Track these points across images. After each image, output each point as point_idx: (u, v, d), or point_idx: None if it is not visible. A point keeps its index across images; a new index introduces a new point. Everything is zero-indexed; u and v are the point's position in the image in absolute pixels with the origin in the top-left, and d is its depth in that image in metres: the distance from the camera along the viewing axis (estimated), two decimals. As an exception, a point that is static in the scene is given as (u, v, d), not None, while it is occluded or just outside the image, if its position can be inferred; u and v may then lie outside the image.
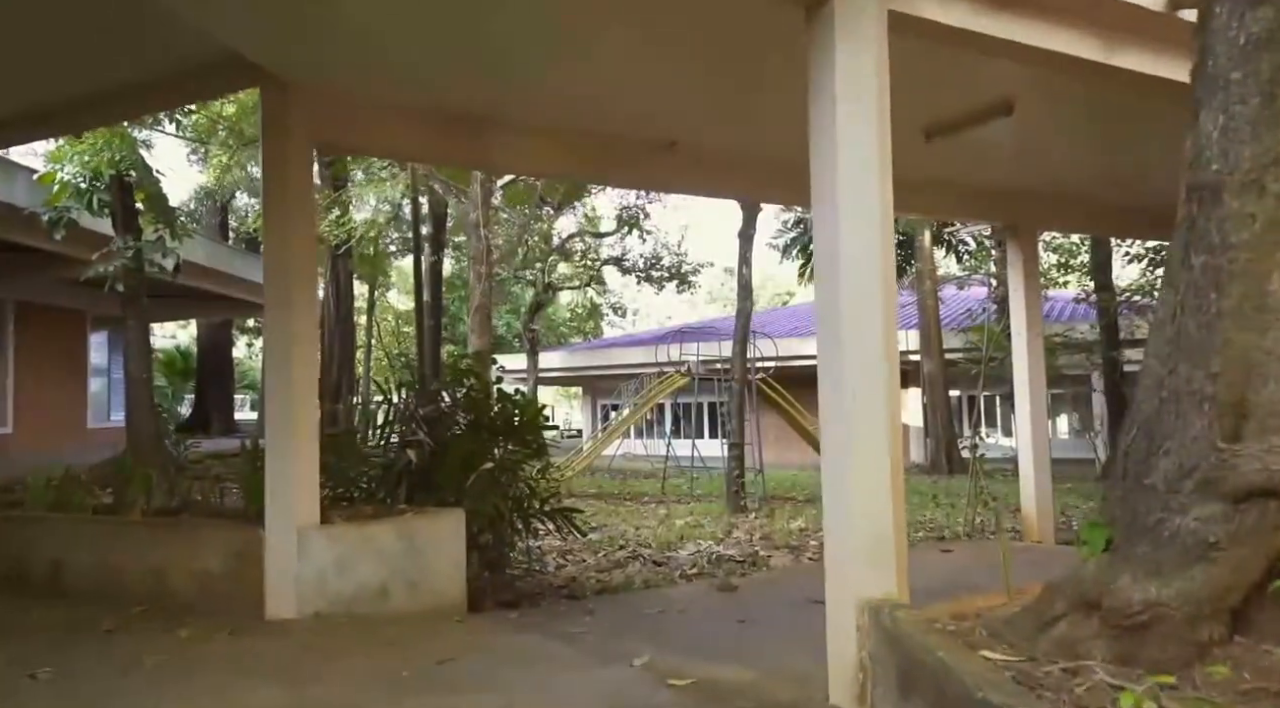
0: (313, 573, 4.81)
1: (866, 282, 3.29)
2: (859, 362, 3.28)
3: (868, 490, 3.24)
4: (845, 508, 3.28)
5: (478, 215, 9.44)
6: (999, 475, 19.10)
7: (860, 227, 3.29)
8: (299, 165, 4.86)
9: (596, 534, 8.81)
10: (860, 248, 3.29)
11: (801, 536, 8.87)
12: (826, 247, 3.37)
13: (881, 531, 3.23)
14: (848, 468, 3.27)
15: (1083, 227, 9.14)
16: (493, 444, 6.14)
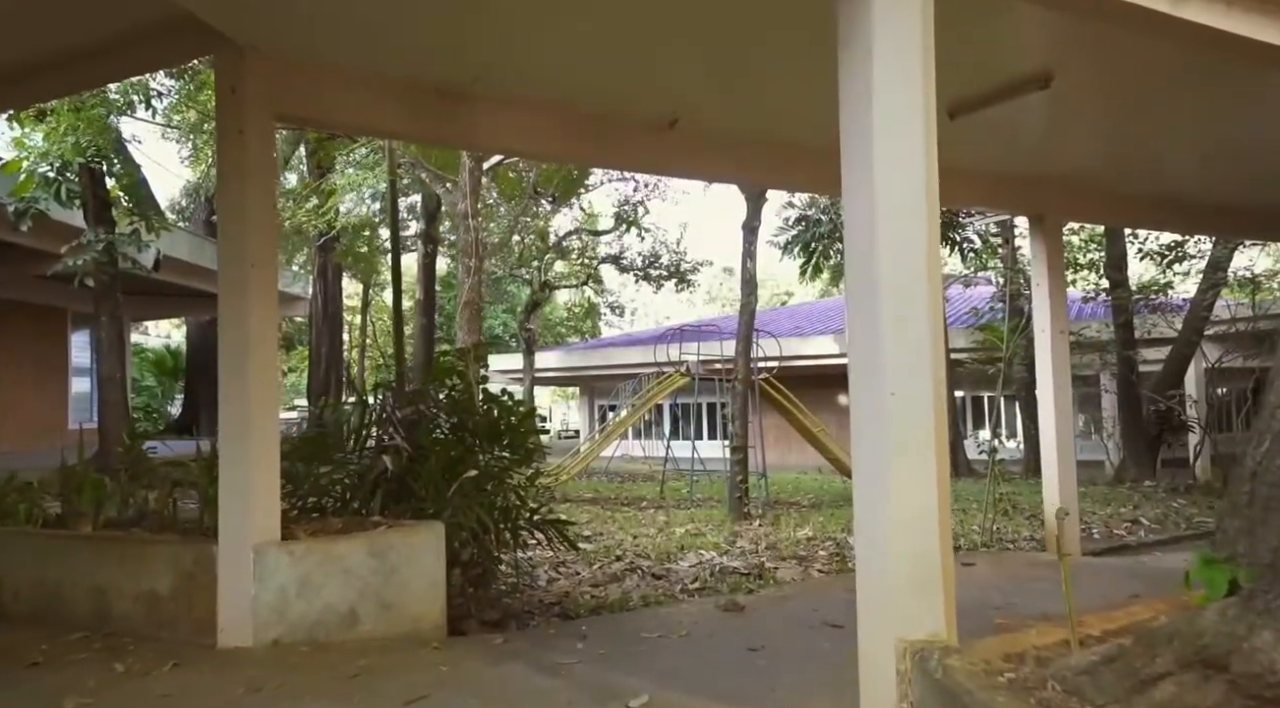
0: (271, 595, 4.29)
1: (909, 255, 2.78)
2: (900, 352, 2.76)
3: (911, 507, 2.73)
4: (883, 528, 2.76)
5: (466, 206, 8.92)
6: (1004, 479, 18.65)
7: (901, 189, 2.78)
8: (257, 138, 4.34)
9: (591, 544, 8.29)
10: (902, 214, 2.77)
11: (809, 545, 8.35)
12: (861, 213, 2.85)
13: (927, 557, 2.72)
14: (886, 480, 2.75)
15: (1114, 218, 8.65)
16: (478, 450, 5.62)
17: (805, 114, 5.73)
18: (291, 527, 4.70)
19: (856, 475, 2.93)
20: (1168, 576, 6.16)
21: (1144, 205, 8.34)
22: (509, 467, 5.70)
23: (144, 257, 11.96)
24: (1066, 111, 6.07)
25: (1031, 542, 8.29)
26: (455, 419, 5.66)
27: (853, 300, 2.94)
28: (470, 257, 8.95)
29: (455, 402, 5.64)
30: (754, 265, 9.40)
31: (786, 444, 20.77)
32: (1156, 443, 14.85)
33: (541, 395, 58.95)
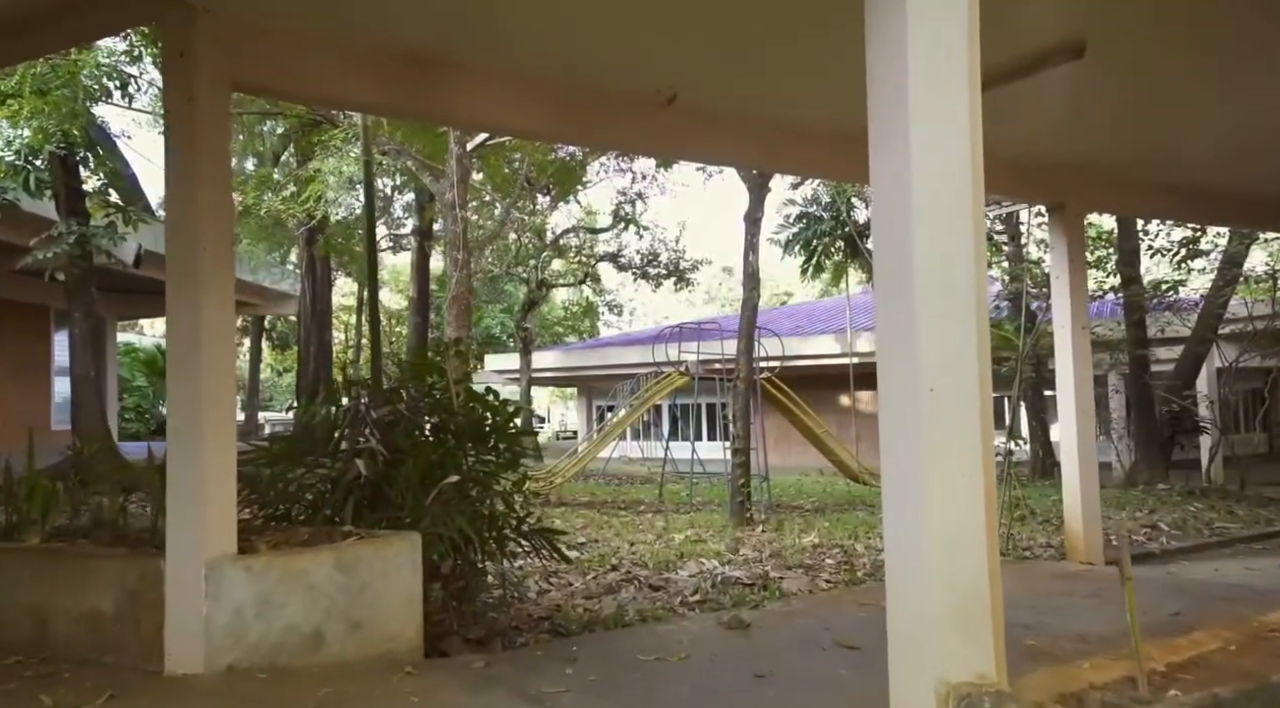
0: (226, 616, 3.86)
1: (950, 234, 2.36)
2: (940, 342, 2.34)
3: (951, 523, 2.31)
4: (918, 548, 2.33)
5: (453, 195, 8.48)
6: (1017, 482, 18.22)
7: (942, 160, 2.36)
8: (210, 108, 3.91)
9: (586, 552, 7.86)
10: (942, 187, 2.36)
11: (815, 553, 7.93)
12: (893, 188, 2.44)
13: (971, 582, 2.29)
14: (922, 491, 2.33)
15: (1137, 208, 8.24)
16: (461, 453, 5.19)
17: (817, 91, 5.32)
18: (252, 539, 4.28)
19: (886, 486, 2.50)
20: (1205, 590, 5.75)
21: (1167, 195, 7.92)
22: (495, 471, 5.26)
23: (123, 251, 11.52)
24: (1093, 90, 5.65)
25: (1049, 549, 7.86)
26: (436, 420, 5.23)
27: (883, 285, 2.51)
28: (459, 249, 8.51)
29: (436, 401, 5.21)
30: (756, 259, 8.97)
31: (787, 445, 20.34)
32: (1169, 445, 14.43)
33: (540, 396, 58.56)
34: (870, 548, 8.12)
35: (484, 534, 5.22)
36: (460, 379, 5.22)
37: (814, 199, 24.86)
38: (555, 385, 41.60)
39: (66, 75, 7.75)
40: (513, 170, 13.37)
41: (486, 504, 5.33)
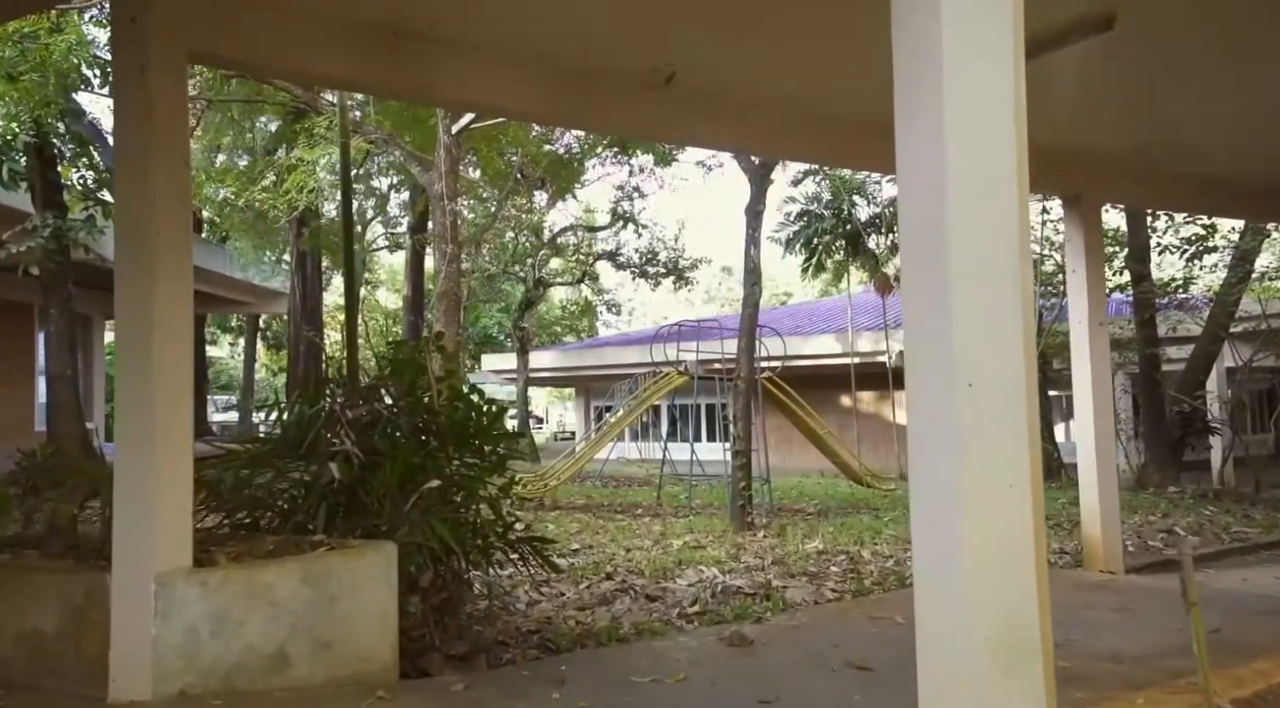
0: (177, 636, 3.51)
1: (990, 203, 2.02)
2: (979, 329, 2.00)
3: (993, 541, 1.97)
4: (955, 576, 1.99)
5: (441, 186, 8.11)
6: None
7: (982, 109, 2.02)
8: (164, 80, 3.57)
9: (580, 558, 7.52)
10: (981, 145, 2.02)
11: (820, 560, 7.58)
12: (923, 147, 2.09)
13: (1019, 616, 1.95)
14: (959, 503, 1.98)
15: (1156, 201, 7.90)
16: (443, 456, 4.85)
17: (827, 71, 4.98)
18: (211, 550, 3.93)
19: (916, 498, 2.16)
20: (1239, 604, 5.40)
21: (1186, 186, 7.58)
22: (480, 475, 4.92)
23: (105, 246, 11.16)
24: (1113, 75, 5.32)
25: (1064, 556, 7.52)
26: (418, 421, 4.89)
27: (912, 269, 2.17)
28: (448, 242, 8.15)
29: (417, 400, 4.86)
30: (758, 253, 8.63)
31: (788, 446, 19.98)
32: (1180, 446, 14.09)
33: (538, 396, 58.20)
34: (877, 555, 7.79)
35: (468, 543, 4.89)
36: (443, 377, 4.87)
37: (815, 197, 24.54)
38: (553, 386, 41.25)
39: (36, 60, 7.41)
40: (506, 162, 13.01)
41: (471, 511, 5.00)
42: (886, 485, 13.42)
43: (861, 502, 13.16)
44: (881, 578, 6.79)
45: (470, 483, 4.91)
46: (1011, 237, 2.02)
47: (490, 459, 4.89)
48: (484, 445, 4.87)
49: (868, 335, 24.66)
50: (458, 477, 4.94)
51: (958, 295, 2.00)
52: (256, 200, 11.77)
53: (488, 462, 4.90)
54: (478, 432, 4.86)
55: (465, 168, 14.13)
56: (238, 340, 36.74)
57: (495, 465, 4.96)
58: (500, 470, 4.97)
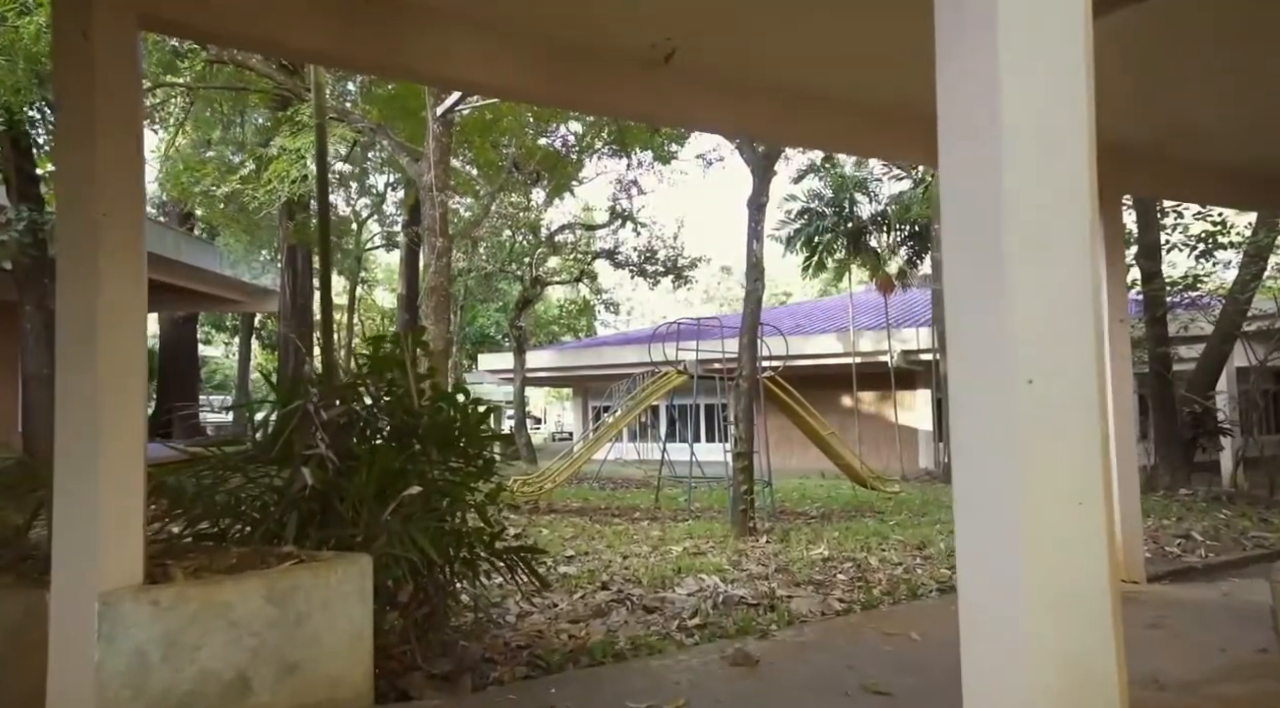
0: (123, 661, 3.17)
1: (1055, 153, 1.69)
2: (1042, 318, 1.67)
3: (1063, 579, 1.63)
4: (1014, 614, 1.65)
5: (431, 177, 7.77)
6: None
7: (1043, 33, 1.70)
8: (109, 46, 3.23)
9: (574, 566, 7.18)
10: (1041, 77, 1.69)
11: (826, 567, 7.25)
12: (971, 79, 1.76)
13: (1093, 664, 1.62)
14: (1017, 533, 1.65)
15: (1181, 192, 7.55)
16: (426, 460, 4.52)
17: (835, 52, 4.65)
18: (167, 564, 3.59)
19: (961, 518, 1.82)
20: (1277, 616, 5.07)
21: (1208, 176, 7.24)
22: (465, 480, 4.59)
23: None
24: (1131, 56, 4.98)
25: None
26: (398, 422, 4.55)
27: (956, 239, 1.83)
28: (437, 236, 7.80)
29: (398, 400, 4.53)
30: (761, 247, 8.30)
31: (788, 447, 19.66)
32: (1191, 448, 13.77)
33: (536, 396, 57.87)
34: (885, 562, 7.46)
35: (452, 554, 4.55)
36: (425, 375, 4.53)
37: (816, 194, 24.22)
38: (551, 386, 40.94)
39: (5, 43, 7.08)
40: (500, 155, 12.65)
41: (455, 519, 4.66)
42: (890, 488, 13.08)
43: (865, 504, 12.83)
44: (891, 588, 6.46)
45: (455, 489, 4.58)
46: (1081, 200, 1.70)
47: (476, 463, 4.55)
48: (470, 449, 4.54)
49: (869, 335, 24.37)
50: (441, 482, 4.61)
51: (1015, 272, 1.67)
52: (235, 190, 11.40)
53: (473, 466, 4.57)
54: (463, 434, 4.52)
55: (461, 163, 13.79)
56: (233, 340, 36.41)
57: (482, 470, 4.63)
58: (487, 475, 4.63)
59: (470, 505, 4.62)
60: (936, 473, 22.34)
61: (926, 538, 8.68)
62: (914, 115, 5.32)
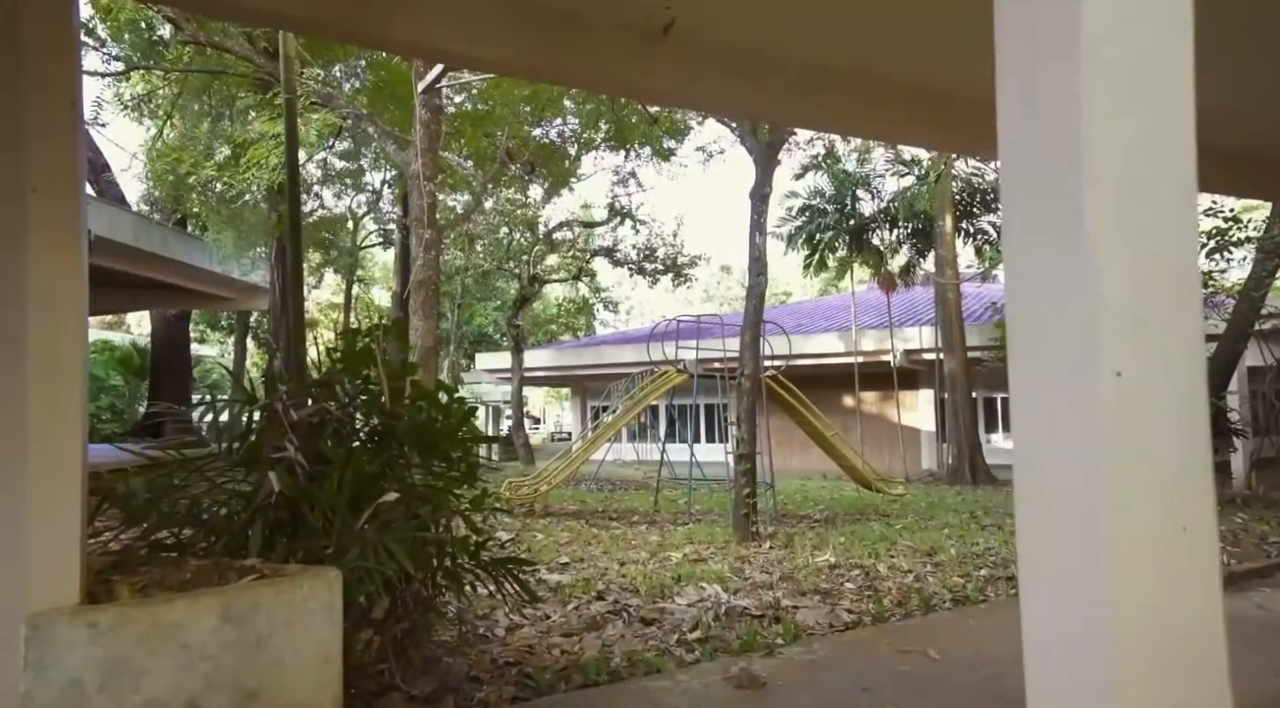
0: (56, 691, 2.83)
1: (1147, 92, 1.35)
2: (1132, 292, 1.33)
3: (1162, 627, 1.29)
4: (1094, 670, 1.31)
5: (419, 166, 7.41)
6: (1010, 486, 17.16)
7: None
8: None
9: (569, 574, 6.84)
10: (1132, 34, 1.35)
11: (832, 575, 6.92)
12: (1046, 35, 1.41)
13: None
14: (1102, 564, 1.30)
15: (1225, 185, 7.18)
16: (404, 464, 4.18)
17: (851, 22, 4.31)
18: (113, 580, 3.25)
19: (1025, 545, 1.47)
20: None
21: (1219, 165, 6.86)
22: (447, 486, 4.25)
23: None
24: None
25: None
26: (374, 423, 4.21)
27: (1019, 200, 1.49)
28: (426, 227, 7.45)
29: (373, 399, 4.18)
30: (763, 240, 7.95)
31: (788, 447, 19.32)
32: (1204, 449, 13.42)
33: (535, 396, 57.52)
34: (894, 569, 7.13)
35: (433, 565, 4.21)
36: (398, 373, 4.19)
37: (817, 191, 23.89)
38: (550, 385, 40.62)
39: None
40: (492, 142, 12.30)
41: (438, 527, 4.32)
42: (895, 490, 12.74)
43: (869, 507, 12.50)
44: (902, 597, 6.13)
45: (436, 495, 4.23)
46: (1183, 151, 1.35)
47: (459, 467, 4.21)
48: (452, 452, 4.19)
49: (872, 334, 24.04)
50: (421, 488, 4.27)
51: (1100, 239, 1.33)
52: (213, 178, 11.05)
53: (456, 470, 4.23)
54: (445, 435, 4.18)
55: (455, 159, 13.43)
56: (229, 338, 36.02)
57: (465, 474, 4.29)
58: (471, 480, 4.29)
59: (453, 512, 4.28)
60: (940, 474, 22.02)
61: (936, 544, 8.35)
62: (932, 95, 4.99)
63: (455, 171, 13.20)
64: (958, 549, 7.97)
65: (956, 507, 12.89)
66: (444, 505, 4.29)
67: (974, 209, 21.49)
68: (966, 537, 8.93)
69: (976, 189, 21.41)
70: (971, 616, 5.19)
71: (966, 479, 18.57)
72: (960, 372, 19.02)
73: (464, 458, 4.20)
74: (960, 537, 8.93)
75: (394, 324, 3.89)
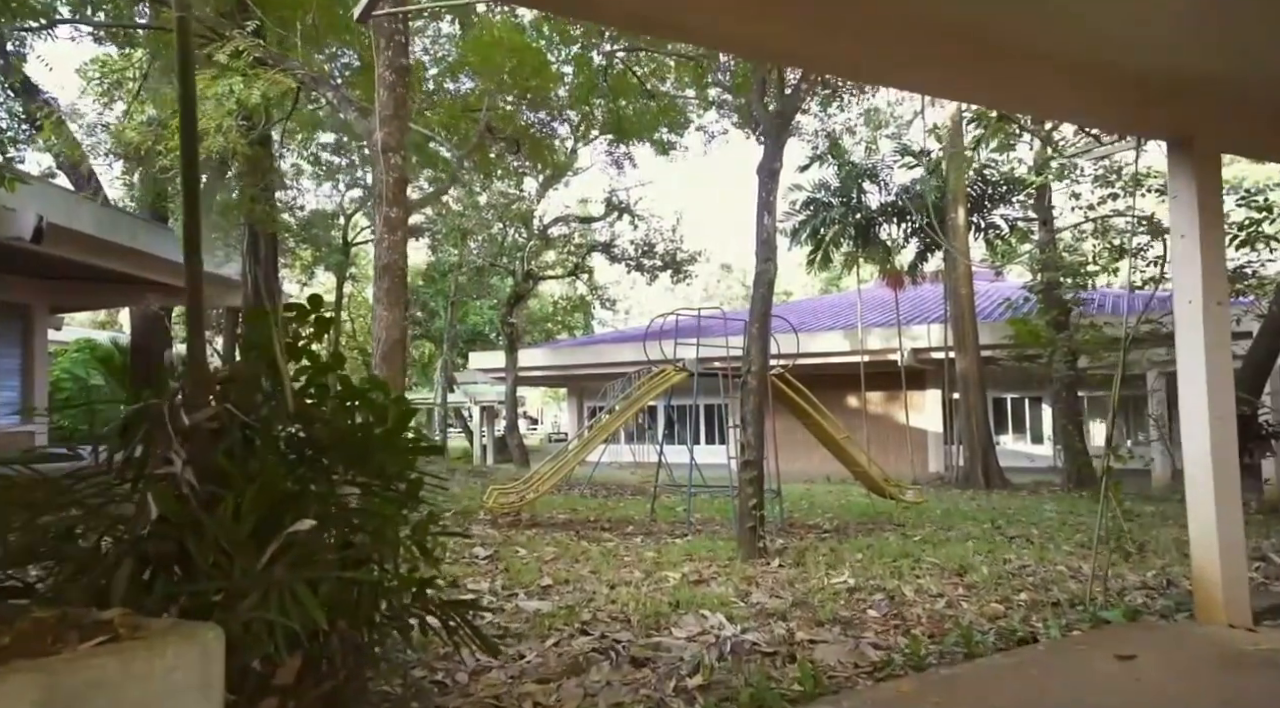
0: None
1: None
2: None
3: None
4: None
5: (381, 135, 6.49)
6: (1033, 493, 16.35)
7: None
8: None
9: (550, 600, 5.96)
10: None
11: (853, 601, 6.05)
12: None
13: None
14: None
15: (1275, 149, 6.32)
16: (325, 481, 3.31)
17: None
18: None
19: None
20: None
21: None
22: (383, 509, 3.37)
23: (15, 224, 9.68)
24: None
25: (1160, 598, 6.00)
26: (290, 429, 3.34)
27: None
28: (391, 205, 6.54)
29: (289, 400, 3.30)
30: (773, 221, 7.08)
31: (791, 450, 18.42)
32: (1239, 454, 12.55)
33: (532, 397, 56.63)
34: (921, 592, 6.26)
35: (366, 609, 3.34)
36: (326, 366, 3.31)
37: (822, 184, 23.03)
38: (546, 385, 39.75)
39: None
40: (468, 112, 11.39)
41: (383, 562, 3.46)
42: (909, 496, 11.86)
43: (882, 516, 11.64)
44: (935, 629, 5.27)
45: (372, 520, 3.36)
46: None
47: (396, 486, 3.34)
48: (388, 465, 3.32)
49: (878, 332, 23.21)
50: (357, 510, 3.40)
51: None
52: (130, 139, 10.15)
53: (393, 488, 3.36)
54: (379, 444, 3.30)
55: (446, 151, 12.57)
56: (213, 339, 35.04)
57: (407, 493, 3.42)
58: (413, 499, 3.42)
59: (389, 544, 3.41)
60: (948, 477, 21.17)
61: (963, 561, 7.48)
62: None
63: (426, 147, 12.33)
64: (989, 568, 7.10)
65: (974, 515, 12.02)
66: (386, 534, 3.43)
67: (986, 202, 20.63)
68: (995, 552, 8.06)
69: (989, 181, 20.54)
70: (1030, 662, 4.33)
71: (979, 483, 17.71)
72: (973, 371, 18.16)
73: (402, 472, 3.33)
74: (989, 552, 8.06)
75: (313, 300, 3.09)
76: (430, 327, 34.82)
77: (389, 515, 3.36)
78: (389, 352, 6.47)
